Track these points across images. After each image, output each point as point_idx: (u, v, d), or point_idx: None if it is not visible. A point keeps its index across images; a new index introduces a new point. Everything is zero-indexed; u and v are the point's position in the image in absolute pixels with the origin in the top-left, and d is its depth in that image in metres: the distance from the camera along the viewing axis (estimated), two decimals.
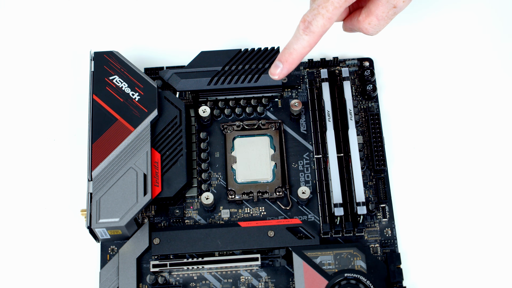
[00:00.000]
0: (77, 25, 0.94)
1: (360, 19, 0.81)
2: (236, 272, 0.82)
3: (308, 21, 0.77)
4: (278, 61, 0.80)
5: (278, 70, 0.80)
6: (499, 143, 0.87)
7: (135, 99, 0.83)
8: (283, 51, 0.80)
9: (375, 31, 0.82)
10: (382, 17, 0.80)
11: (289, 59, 0.79)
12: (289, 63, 0.80)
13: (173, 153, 0.82)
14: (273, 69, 0.81)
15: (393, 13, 0.80)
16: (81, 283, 0.82)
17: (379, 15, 0.80)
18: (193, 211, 0.85)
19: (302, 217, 0.84)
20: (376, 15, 0.80)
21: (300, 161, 0.86)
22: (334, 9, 0.77)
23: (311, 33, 0.78)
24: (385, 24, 0.82)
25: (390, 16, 0.81)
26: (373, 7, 0.80)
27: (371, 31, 0.82)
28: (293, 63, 0.80)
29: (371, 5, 0.80)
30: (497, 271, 0.82)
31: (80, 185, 0.86)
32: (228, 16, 0.94)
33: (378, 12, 0.80)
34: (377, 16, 0.80)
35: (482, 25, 0.93)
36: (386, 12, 0.80)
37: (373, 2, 0.80)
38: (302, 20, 0.78)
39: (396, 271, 0.79)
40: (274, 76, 0.81)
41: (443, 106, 0.89)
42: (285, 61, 0.80)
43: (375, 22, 0.81)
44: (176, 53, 0.92)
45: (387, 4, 0.79)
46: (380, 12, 0.80)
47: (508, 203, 0.84)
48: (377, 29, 0.82)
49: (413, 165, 0.86)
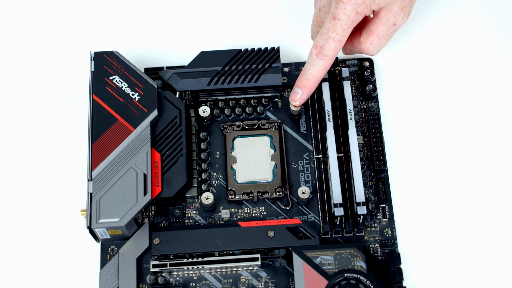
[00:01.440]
0: (77, 25, 0.94)
1: (361, 40, 0.84)
2: (236, 272, 0.82)
3: (320, 46, 0.80)
4: (296, 88, 0.84)
5: (298, 96, 0.84)
6: (499, 143, 0.87)
7: (135, 99, 0.83)
8: (300, 77, 0.83)
9: (376, 51, 0.85)
10: (383, 35, 0.83)
11: (307, 85, 0.83)
12: (307, 88, 0.83)
13: (173, 153, 0.82)
14: (293, 95, 0.84)
15: (393, 30, 0.83)
16: (81, 283, 0.82)
17: (380, 34, 0.83)
18: (193, 211, 0.85)
19: (302, 217, 0.84)
20: (377, 34, 0.83)
21: (300, 161, 0.86)
22: (343, 31, 0.80)
23: (325, 57, 0.81)
24: (385, 43, 0.85)
25: (390, 34, 0.84)
26: (373, 27, 0.83)
27: (373, 51, 0.85)
28: (311, 87, 0.83)
29: (371, 25, 0.83)
30: (497, 271, 0.82)
31: (80, 185, 0.86)
32: (228, 16, 0.94)
33: (379, 31, 0.83)
34: (378, 35, 0.83)
35: (481, 25, 0.93)
36: (387, 31, 0.83)
37: (373, 22, 0.83)
38: (313, 45, 0.81)
39: (396, 271, 0.79)
40: (295, 103, 0.84)
41: (443, 106, 0.89)
42: (303, 87, 0.83)
43: (376, 41, 0.83)
44: (176, 53, 0.92)
45: (387, 23, 0.82)
46: (380, 31, 0.83)
47: (508, 203, 0.84)
48: (379, 48, 0.85)
49: (413, 165, 0.86)
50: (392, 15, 0.81)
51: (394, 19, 0.81)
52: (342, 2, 0.79)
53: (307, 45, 0.91)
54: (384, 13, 0.81)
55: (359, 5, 0.79)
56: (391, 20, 0.81)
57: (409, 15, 0.82)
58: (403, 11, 0.81)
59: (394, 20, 0.81)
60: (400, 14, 0.81)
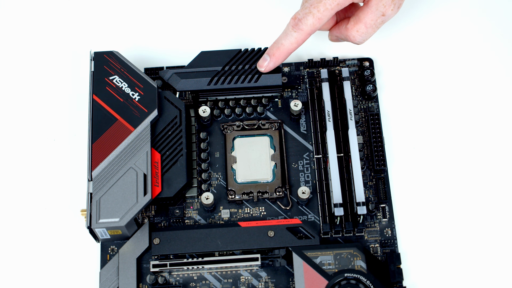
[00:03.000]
0: (77, 25, 0.94)
1: (348, 27, 0.84)
2: (236, 272, 0.82)
3: (299, 19, 0.81)
4: (266, 55, 0.84)
5: (266, 63, 0.84)
6: (499, 143, 0.87)
7: (135, 99, 0.83)
8: (272, 45, 0.84)
9: (362, 39, 0.85)
10: (371, 24, 0.83)
11: (276, 53, 0.83)
12: (275, 57, 0.83)
13: (173, 153, 0.82)
14: (261, 61, 0.85)
15: (381, 21, 0.83)
16: (81, 283, 0.82)
17: (367, 22, 0.83)
18: (193, 211, 0.85)
19: (302, 217, 0.84)
20: (364, 22, 0.83)
21: (300, 161, 0.86)
22: (325, 10, 0.80)
23: (300, 30, 0.81)
24: (372, 33, 0.84)
25: (378, 24, 0.83)
26: (362, 15, 0.83)
27: (358, 39, 0.84)
28: (279, 57, 0.83)
29: (360, 12, 0.83)
30: (497, 271, 0.82)
31: (80, 185, 0.86)
32: (228, 16, 0.94)
33: (367, 19, 0.83)
34: (365, 23, 0.83)
35: (482, 25, 0.93)
36: (375, 20, 0.83)
37: (362, 10, 0.83)
38: (293, 17, 0.81)
39: (396, 271, 0.79)
40: (261, 68, 0.85)
41: (443, 106, 0.89)
42: (272, 55, 0.83)
43: (363, 29, 0.83)
44: (176, 53, 0.92)
45: (376, 12, 0.82)
46: (369, 20, 0.82)
47: (508, 203, 0.84)
48: (365, 37, 0.84)
49: (413, 165, 0.86)
50: (382, 5, 0.81)
51: (384, 9, 0.81)
52: None
53: (307, 45, 0.91)
54: (375, 2, 0.81)
55: None
56: (380, 10, 0.82)
57: (399, 8, 0.82)
58: (393, 2, 0.81)
59: (384, 10, 0.81)
60: (390, 5, 0.81)
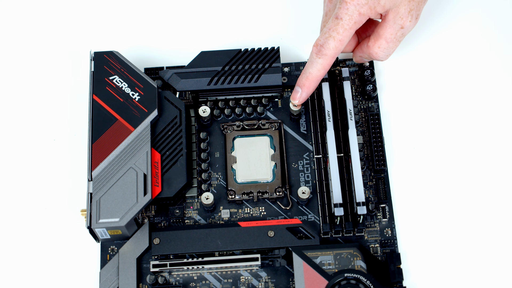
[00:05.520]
0: (77, 25, 0.94)
1: (369, 45, 0.84)
2: (236, 272, 0.82)
3: (320, 45, 0.81)
4: (297, 86, 0.84)
5: (298, 94, 0.84)
6: (499, 143, 0.87)
7: (135, 99, 0.83)
8: (300, 76, 0.83)
9: (384, 55, 0.84)
10: (391, 39, 0.82)
11: (306, 83, 0.83)
12: (306, 87, 0.83)
13: (173, 153, 0.82)
14: (294, 94, 0.84)
15: (401, 34, 0.82)
16: (81, 283, 0.82)
17: (387, 37, 0.82)
18: (193, 211, 0.85)
19: (302, 217, 0.84)
20: (385, 38, 0.82)
21: (300, 161, 0.86)
22: (344, 31, 0.80)
23: (324, 56, 0.81)
24: (394, 47, 0.84)
25: (399, 37, 0.83)
26: (381, 31, 0.82)
27: (381, 55, 0.84)
28: (310, 86, 0.83)
29: (379, 29, 0.82)
30: (497, 271, 0.82)
31: (80, 185, 0.86)
32: (228, 16, 0.94)
33: (386, 34, 0.82)
34: (386, 39, 0.82)
35: (481, 26, 0.93)
36: (395, 34, 0.82)
37: (381, 26, 0.82)
38: (314, 44, 0.81)
39: (396, 271, 0.79)
40: (295, 101, 0.84)
41: (443, 106, 0.89)
42: (303, 85, 0.83)
43: (384, 45, 0.83)
44: (176, 53, 0.92)
45: (395, 26, 0.81)
46: (388, 35, 0.82)
47: (508, 203, 0.84)
48: (387, 52, 0.84)
49: (413, 165, 0.86)
50: (399, 18, 0.81)
51: (402, 21, 0.81)
52: (345, 2, 0.79)
53: (307, 45, 0.91)
54: (392, 15, 0.81)
55: (362, 6, 0.79)
56: (399, 23, 0.81)
57: (418, 18, 0.82)
58: (410, 13, 0.81)
59: (402, 23, 0.81)
60: (407, 17, 0.81)
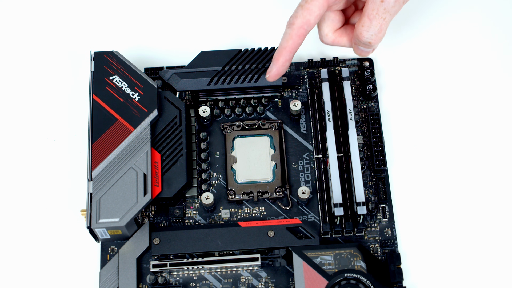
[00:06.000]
0: (77, 25, 0.94)
1: (355, 26, 0.80)
2: (236, 272, 0.82)
3: (290, 16, 0.79)
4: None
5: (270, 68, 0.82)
6: (499, 143, 0.87)
7: (135, 99, 0.83)
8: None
9: (370, 35, 0.79)
10: (373, 15, 0.78)
11: (275, 56, 0.81)
12: (275, 59, 0.81)
13: (173, 153, 0.82)
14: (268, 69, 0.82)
15: (383, 9, 0.78)
16: (81, 283, 0.82)
17: (369, 13, 0.78)
18: (193, 211, 0.85)
19: (302, 217, 0.84)
20: (367, 15, 0.78)
21: (300, 161, 0.86)
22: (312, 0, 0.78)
23: (291, 25, 0.79)
24: (378, 25, 0.79)
25: (381, 14, 0.78)
26: (364, 9, 0.79)
27: (366, 35, 0.79)
28: (278, 58, 0.81)
29: (363, 9, 0.79)
30: (497, 271, 0.82)
31: (80, 185, 0.86)
32: (228, 16, 0.94)
33: (368, 11, 0.78)
34: (368, 15, 0.78)
35: (481, 25, 0.93)
36: (376, 9, 0.78)
37: (364, 5, 0.79)
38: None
39: (396, 271, 0.79)
40: (267, 75, 0.82)
41: (443, 106, 0.89)
42: (273, 59, 0.81)
43: (367, 23, 0.79)
44: (176, 53, 0.92)
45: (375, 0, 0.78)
46: (370, 10, 0.78)
47: (508, 203, 0.84)
48: (372, 31, 0.79)
49: (413, 165, 0.86)
50: None
51: None
52: None
53: (306, 45, 0.91)
54: None
55: None
56: None
57: None
58: None
59: None
60: None
